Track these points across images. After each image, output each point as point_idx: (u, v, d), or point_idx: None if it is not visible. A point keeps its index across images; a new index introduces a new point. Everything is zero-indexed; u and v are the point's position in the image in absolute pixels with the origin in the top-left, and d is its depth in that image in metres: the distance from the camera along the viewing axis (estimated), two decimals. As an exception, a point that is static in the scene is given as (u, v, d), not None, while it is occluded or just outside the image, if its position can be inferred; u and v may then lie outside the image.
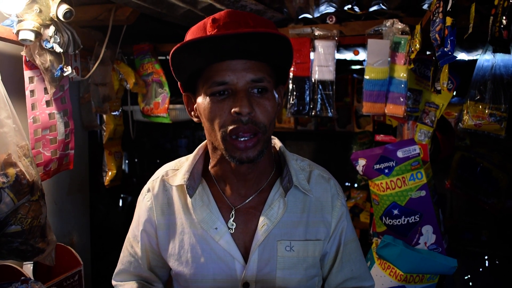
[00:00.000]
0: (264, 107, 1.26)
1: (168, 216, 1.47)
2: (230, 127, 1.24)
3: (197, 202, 1.42)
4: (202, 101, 1.29)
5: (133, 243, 1.54)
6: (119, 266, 1.59)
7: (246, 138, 1.25)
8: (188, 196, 1.42)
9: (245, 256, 1.39)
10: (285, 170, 1.45)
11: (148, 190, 1.51)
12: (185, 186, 1.41)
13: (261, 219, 1.39)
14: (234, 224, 1.40)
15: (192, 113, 1.41)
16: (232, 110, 1.22)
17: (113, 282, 1.60)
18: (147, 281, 1.56)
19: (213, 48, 1.22)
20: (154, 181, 1.52)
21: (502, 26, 1.40)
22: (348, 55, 3.80)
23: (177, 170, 1.49)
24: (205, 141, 1.49)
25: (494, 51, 1.44)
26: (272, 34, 1.19)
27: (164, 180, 1.50)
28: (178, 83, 1.40)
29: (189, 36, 1.32)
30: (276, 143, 1.55)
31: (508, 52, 1.45)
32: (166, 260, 1.48)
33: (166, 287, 1.62)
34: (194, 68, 1.30)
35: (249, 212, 1.42)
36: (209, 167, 1.47)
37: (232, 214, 1.41)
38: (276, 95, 1.34)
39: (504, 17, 1.39)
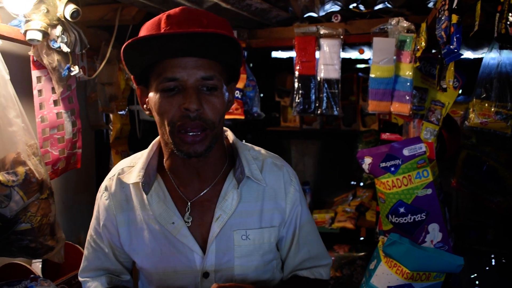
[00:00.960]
0: (212, 104, 1.31)
1: (127, 213, 1.49)
2: (179, 123, 1.28)
3: (153, 198, 1.45)
4: (153, 95, 1.33)
5: (97, 240, 1.55)
6: (84, 263, 1.60)
7: (193, 133, 1.29)
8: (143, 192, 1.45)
9: (203, 247, 1.44)
10: (238, 162, 1.49)
11: (106, 189, 1.53)
12: (140, 184, 1.44)
13: (216, 211, 1.44)
14: (191, 217, 1.44)
15: (145, 106, 1.43)
16: (182, 106, 1.27)
17: (81, 279, 1.61)
18: (115, 274, 1.58)
19: (164, 45, 1.25)
20: (110, 179, 1.54)
21: (508, 22, 1.40)
22: (353, 54, 3.81)
23: (132, 167, 1.51)
24: (158, 137, 1.52)
25: (501, 47, 1.46)
26: (221, 35, 1.24)
27: (120, 177, 1.52)
28: (131, 76, 1.43)
29: (143, 31, 1.36)
30: (229, 135, 1.60)
31: (515, 49, 1.46)
32: (129, 254, 1.52)
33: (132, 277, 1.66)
34: (146, 63, 1.33)
35: (204, 205, 1.46)
36: (164, 161, 1.49)
37: (188, 207, 1.45)
38: (227, 93, 1.38)
39: (510, 14, 1.40)
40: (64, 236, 2.05)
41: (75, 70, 2.31)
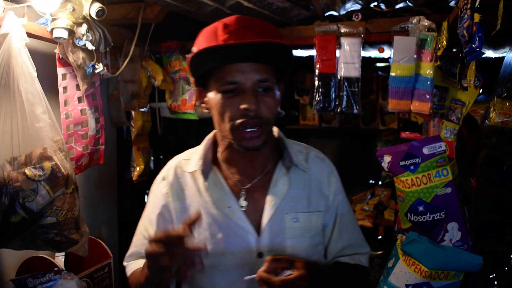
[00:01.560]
0: (267, 103, 1.48)
1: (183, 201, 1.63)
2: (239, 121, 1.45)
3: (210, 185, 1.61)
4: (214, 96, 1.50)
5: (148, 227, 1.67)
6: (131, 249, 1.73)
7: (252, 129, 1.46)
8: (201, 180, 1.62)
9: (257, 229, 1.58)
10: (286, 153, 1.66)
11: (163, 179, 1.68)
12: (200, 171, 1.60)
13: (269, 196, 1.60)
14: (245, 202, 1.59)
15: (203, 105, 1.59)
16: (241, 107, 1.43)
17: (124, 263, 1.75)
18: None
19: (226, 53, 1.43)
20: (168, 170, 1.69)
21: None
22: (373, 53, 3.80)
23: (189, 160, 1.67)
24: (212, 132, 1.70)
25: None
26: (274, 43, 1.42)
27: (177, 169, 1.67)
28: (192, 79, 1.62)
29: (201, 39, 1.54)
30: (275, 130, 1.73)
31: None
32: None
33: None
34: (208, 68, 1.50)
35: (257, 191, 1.61)
36: (218, 154, 1.66)
37: (242, 193, 1.60)
38: (277, 92, 1.54)
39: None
40: (88, 230, 2.09)
41: (99, 67, 2.35)
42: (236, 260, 1.57)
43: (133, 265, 1.70)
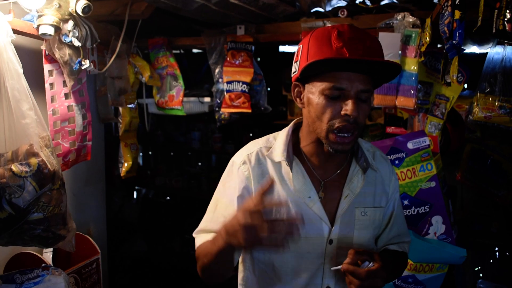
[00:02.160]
0: (365, 111, 1.57)
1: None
2: (338, 124, 1.54)
3: (294, 174, 1.69)
4: (316, 96, 1.57)
5: (228, 206, 1.71)
6: (205, 223, 1.74)
7: (347, 135, 1.55)
8: (283, 169, 1.70)
9: (330, 219, 1.70)
10: (360, 152, 1.76)
11: (244, 162, 1.73)
12: (285, 162, 1.68)
13: (345, 190, 1.72)
14: (323, 194, 1.71)
15: (298, 99, 1.68)
16: (343, 112, 1.52)
17: (195, 235, 1.76)
18: None
19: (341, 62, 1.49)
20: (249, 155, 1.74)
21: (506, 19, 1.44)
22: (359, 48, 3.82)
23: (270, 148, 1.75)
24: (292, 122, 1.79)
25: (499, 43, 1.49)
26: (387, 63, 1.50)
27: (259, 154, 1.74)
28: (293, 75, 1.67)
29: (315, 42, 1.56)
30: None
31: (512, 44, 1.50)
32: None
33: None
34: (318, 71, 1.56)
35: (334, 185, 1.73)
36: (301, 145, 1.75)
37: (322, 186, 1.71)
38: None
39: (508, 11, 1.44)
40: (75, 225, 2.09)
41: (86, 64, 2.36)
42: (309, 245, 1.69)
43: (202, 237, 1.73)
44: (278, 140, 1.75)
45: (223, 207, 1.73)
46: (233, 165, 1.76)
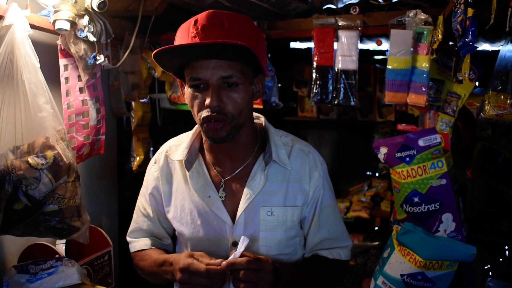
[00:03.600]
0: (233, 99, 1.51)
1: (171, 185, 1.75)
2: (203, 115, 1.51)
3: (193, 174, 1.69)
4: (186, 90, 1.58)
5: (145, 205, 1.80)
6: (133, 225, 1.85)
7: (215, 122, 1.51)
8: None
9: (234, 220, 1.66)
10: (267, 146, 1.69)
11: (155, 162, 1.80)
12: (183, 161, 1.68)
13: (245, 189, 1.65)
14: (224, 193, 1.67)
15: (184, 96, 1.64)
16: (205, 103, 1.50)
17: (128, 239, 1.86)
18: (158, 237, 1.82)
19: (189, 51, 1.48)
20: (160, 154, 1.80)
21: (519, 18, 1.45)
22: (371, 45, 3.83)
23: (179, 145, 1.76)
24: None
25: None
26: (232, 44, 1.42)
27: (167, 155, 1.77)
28: (171, 73, 1.67)
29: (177, 34, 1.57)
30: (262, 121, 1.79)
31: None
32: (170, 221, 1.77)
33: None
34: (177, 64, 1.58)
35: (236, 183, 1.68)
36: (203, 142, 1.74)
37: (222, 185, 1.68)
38: (252, 86, 1.60)
39: (521, 9, 1.45)
40: (89, 218, 2.12)
41: (101, 58, 2.39)
42: (213, 246, 1.67)
43: (139, 243, 1.81)
44: (187, 138, 1.75)
45: (142, 206, 1.82)
46: (149, 164, 1.82)
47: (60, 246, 2.49)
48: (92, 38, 2.27)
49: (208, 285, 1.46)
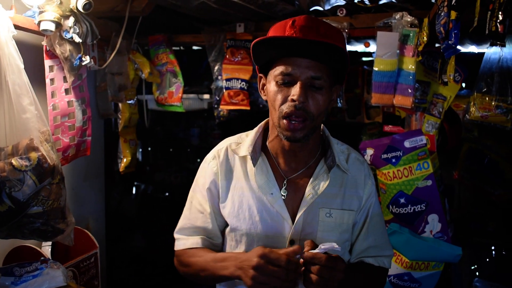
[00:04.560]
0: (316, 100, 1.54)
1: (230, 180, 1.74)
2: (286, 110, 1.53)
3: (258, 170, 1.69)
4: (270, 84, 1.60)
5: (201, 201, 1.77)
6: (184, 221, 1.82)
7: (296, 121, 1.54)
8: (248, 165, 1.71)
9: (293, 219, 1.66)
10: (329, 151, 1.73)
11: (214, 158, 1.77)
12: (249, 156, 1.69)
13: (308, 189, 1.67)
14: (286, 191, 1.68)
15: (262, 92, 1.70)
16: (290, 97, 1.52)
17: (176, 236, 1.82)
18: (209, 236, 1.78)
19: (287, 46, 1.52)
20: (219, 151, 1.78)
21: (498, 20, 1.46)
22: (359, 47, 3.84)
23: (240, 143, 1.76)
24: (265, 120, 1.80)
25: (491, 44, 1.51)
26: (332, 45, 1.46)
27: (228, 150, 1.77)
28: (256, 66, 1.70)
29: (271, 31, 1.60)
30: (323, 129, 1.82)
31: (504, 45, 1.53)
32: (224, 217, 1.74)
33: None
34: (270, 57, 1.59)
35: (298, 183, 1.70)
36: (267, 141, 1.75)
37: (285, 183, 1.69)
38: (331, 93, 1.62)
39: (500, 12, 1.46)
40: (74, 220, 2.11)
41: (86, 60, 2.38)
42: (269, 243, 1.65)
43: (189, 241, 1.78)
44: (248, 136, 1.76)
45: (197, 202, 1.78)
46: (205, 161, 1.80)
47: (46, 248, 2.48)
48: (77, 39, 2.26)
49: (285, 277, 1.46)
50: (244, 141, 1.75)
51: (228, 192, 1.73)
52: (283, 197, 1.67)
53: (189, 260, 1.75)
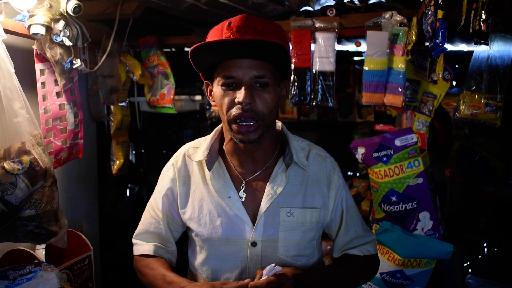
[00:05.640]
0: (264, 98, 1.54)
1: (188, 186, 1.75)
2: (234, 113, 1.53)
3: (214, 174, 1.70)
4: (215, 89, 1.59)
5: (154, 207, 1.79)
6: (140, 227, 1.84)
7: (247, 123, 1.54)
8: (206, 169, 1.70)
9: (253, 221, 1.67)
10: (287, 149, 1.72)
11: (172, 165, 1.78)
12: (204, 161, 1.69)
13: (267, 189, 1.67)
14: (244, 194, 1.69)
15: (210, 98, 1.69)
16: (236, 100, 1.52)
17: (134, 241, 1.85)
18: (163, 242, 1.80)
19: (225, 49, 1.51)
20: (177, 157, 1.79)
21: (481, 19, 1.48)
22: (350, 47, 3.85)
23: (197, 148, 1.76)
24: (221, 123, 1.74)
25: (476, 43, 1.53)
26: (270, 42, 1.46)
27: (185, 156, 1.77)
28: (199, 73, 1.70)
29: (209, 36, 1.61)
30: (280, 126, 1.81)
31: (487, 44, 1.55)
32: (186, 223, 1.77)
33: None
34: (210, 63, 1.60)
35: (256, 184, 1.70)
36: (224, 145, 1.74)
37: (243, 185, 1.69)
38: (279, 88, 1.63)
39: (483, 11, 1.48)
40: (67, 222, 2.11)
41: (77, 63, 2.38)
42: (231, 247, 1.68)
43: (142, 247, 1.80)
44: (206, 140, 1.76)
45: (151, 209, 1.81)
46: (164, 168, 1.82)
47: (40, 251, 2.47)
48: (68, 43, 2.27)
49: None
50: (202, 145, 1.75)
51: (188, 198, 1.74)
52: (241, 200, 1.67)
53: (143, 270, 1.78)
